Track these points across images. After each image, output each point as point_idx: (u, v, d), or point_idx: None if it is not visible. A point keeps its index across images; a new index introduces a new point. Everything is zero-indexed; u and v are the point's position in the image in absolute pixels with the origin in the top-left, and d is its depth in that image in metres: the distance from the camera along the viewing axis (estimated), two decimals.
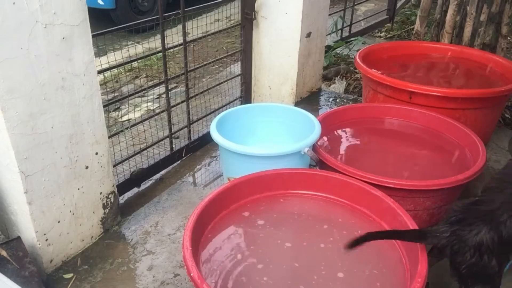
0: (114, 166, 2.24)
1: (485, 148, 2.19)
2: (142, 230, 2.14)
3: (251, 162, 2.06)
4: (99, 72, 2.01)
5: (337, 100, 3.53)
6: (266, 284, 1.51)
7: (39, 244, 1.80)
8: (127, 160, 2.45)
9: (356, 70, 3.98)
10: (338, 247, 1.66)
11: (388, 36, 5.21)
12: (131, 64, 3.89)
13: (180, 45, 2.58)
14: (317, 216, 1.84)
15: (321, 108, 3.41)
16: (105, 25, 3.11)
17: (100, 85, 2.15)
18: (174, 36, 2.58)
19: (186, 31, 2.54)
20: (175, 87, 4.01)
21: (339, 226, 1.77)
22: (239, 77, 3.27)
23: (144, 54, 2.74)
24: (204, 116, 2.98)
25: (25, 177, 1.66)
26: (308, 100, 3.46)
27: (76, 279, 1.87)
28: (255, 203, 1.86)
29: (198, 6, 2.73)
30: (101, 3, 5.50)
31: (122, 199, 2.35)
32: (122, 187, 2.32)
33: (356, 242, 1.44)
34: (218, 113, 2.39)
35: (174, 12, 2.49)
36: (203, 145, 2.87)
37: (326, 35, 3.65)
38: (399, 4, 5.74)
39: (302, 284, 1.51)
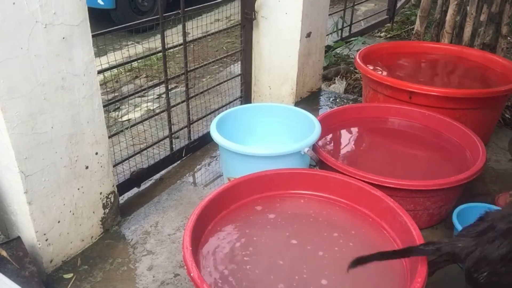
0: (114, 166, 2.24)
1: (485, 148, 2.20)
2: (142, 230, 2.14)
3: (251, 162, 2.06)
4: (99, 72, 2.01)
5: (337, 100, 3.53)
6: (265, 283, 1.52)
7: (39, 244, 1.80)
8: (127, 160, 2.45)
9: (356, 70, 3.98)
10: (337, 248, 1.66)
11: (388, 36, 5.21)
12: (131, 64, 3.89)
13: (180, 45, 2.58)
14: (317, 217, 1.84)
15: (321, 108, 3.41)
16: (105, 25, 3.11)
17: (100, 85, 2.15)
18: (174, 36, 2.58)
19: (186, 31, 2.54)
20: (175, 87, 4.01)
21: (340, 229, 1.77)
22: (239, 77, 3.27)
23: (144, 54, 2.74)
24: (204, 116, 2.98)
25: (25, 177, 1.66)
26: (308, 100, 3.46)
27: (76, 279, 1.87)
28: (255, 203, 1.86)
29: (198, 6, 2.73)
30: (101, 3, 5.50)
31: (122, 199, 2.35)
32: (122, 187, 2.32)
33: (361, 261, 1.45)
34: (218, 113, 2.39)
35: (174, 12, 2.49)
36: (203, 145, 2.87)
37: (326, 35, 3.65)
38: (399, 4, 5.74)
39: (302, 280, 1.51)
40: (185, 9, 2.49)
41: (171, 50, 2.70)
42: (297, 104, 3.32)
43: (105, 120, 1.95)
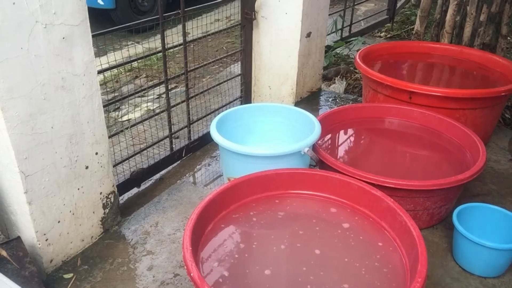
0: (114, 166, 2.24)
1: (485, 148, 2.20)
2: (142, 230, 2.14)
3: (251, 162, 2.06)
4: (99, 72, 2.01)
5: (337, 100, 3.53)
6: (265, 283, 1.52)
7: (39, 244, 1.80)
8: (127, 160, 2.45)
9: (356, 70, 3.98)
10: (337, 248, 1.66)
11: (388, 36, 5.21)
12: (131, 64, 3.90)
13: (180, 45, 2.58)
14: (317, 217, 1.83)
15: (321, 108, 3.41)
16: (105, 25, 3.11)
17: (100, 85, 2.15)
18: (174, 36, 2.59)
19: (186, 31, 2.54)
20: (175, 87, 4.01)
21: (340, 229, 1.77)
22: (239, 77, 3.27)
23: (144, 54, 2.74)
24: (204, 116, 2.98)
25: (25, 177, 1.67)
26: (308, 100, 3.46)
27: (76, 279, 1.87)
28: (255, 203, 1.86)
29: (198, 6, 2.73)
30: (101, 3, 5.50)
31: (122, 199, 2.35)
32: (122, 187, 2.32)
33: None
34: (218, 113, 2.39)
35: (174, 12, 2.49)
36: (203, 145, 2.87)
37: (326, 35, 3.65)
38: (399, 4, 5.74)
39: (305, 282, 1.51)
40: (185, 9, 2.49)
41: (171, 50, 2.70)
42: (297, 104, 3.32)
43: (105, 120, 1.95)
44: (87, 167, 1.92)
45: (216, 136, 2.15)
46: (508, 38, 3.82)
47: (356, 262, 1.59)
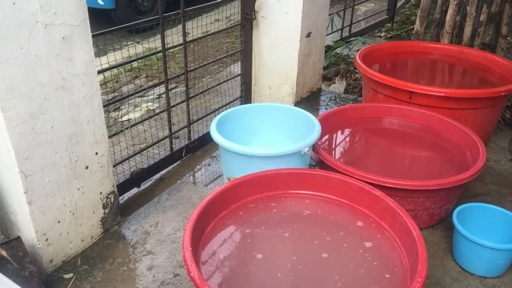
0: (114, 166, 2.24)
1: (485, 148, 2.20)
2: (142, 230, 2.14)
3: (251, 162, 2.06)
4: (99, 72, 2.01)
5: (337, 100, 3.53)
6: (266, 283, 1.52)
7: (39, 244, 1.80)
8: (127, 160, 2.45)
9: (356, 70, 3.98)
10: (338, 249, 1.66)
11: (388, 36, 5.22)
12: (131, 64, 3.89)
13: (180, 45, 2.58)
14: (318, 217, 1.83)
15: (321, 108, 3.41)
16: (105, 25, 3.11)
17: (100, 85, 2.15)
18: (174, 36, 2.59)
19: (186, 31, 2.55)
20: (175, 87, 4.01)
21: (341, 230, 1.77)
22: (239, 77, 3.27)
23: (144, 54, 2.74)
24: (204, 116, 2.98)
25: (25, 177, 1.66)
26: (308, 100, 3.46)
27: (76, 279, 1.87)
28: (255, 203, 1.86)
29: (198, 6, 2.73)
30: (101, 3, 5.51)
31: (122, 199, 2.35)
32: (122, 187, 2.32)
33: None
34: (218, 113, 2.39)
35: (174, 12, 2.49)
36: (203, 145, 2.87)
37: (326, 35, 3.65)
38: (399, 4, 5.74)
39: (304, 284, 1.51)
40: (185, 9, 2.49)
41: (171, 50, 2.70)
42: (297, 104, 3.32)
43: (105, 120, 1.95)
44: (87, 167, 1.92)
45: (216, 136, 2.15)
46: (508, 38, 3.82)
47: (357, 263, 1.56)
